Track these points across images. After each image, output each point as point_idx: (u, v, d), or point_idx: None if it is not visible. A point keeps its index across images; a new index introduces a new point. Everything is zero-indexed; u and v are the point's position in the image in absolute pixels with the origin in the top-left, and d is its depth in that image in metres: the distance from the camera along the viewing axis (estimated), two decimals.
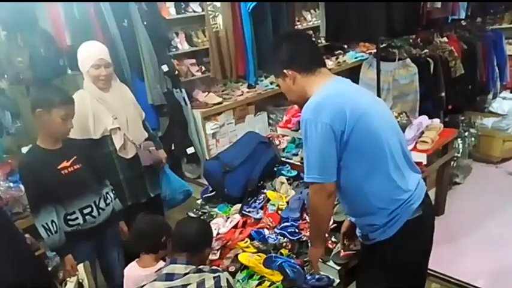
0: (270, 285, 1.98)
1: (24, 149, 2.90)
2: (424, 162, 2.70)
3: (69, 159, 1.98)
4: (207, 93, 4.10)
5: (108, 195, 2.16)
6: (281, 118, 3.92)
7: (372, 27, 3.76)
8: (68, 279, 1.97)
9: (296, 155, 3.03)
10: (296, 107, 3.40)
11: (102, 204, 2.09)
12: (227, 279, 1.56)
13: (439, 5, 4.17)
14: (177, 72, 3.74)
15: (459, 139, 3.72)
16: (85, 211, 2.01)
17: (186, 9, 4.24)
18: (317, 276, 2.05)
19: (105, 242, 2.16)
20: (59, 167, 1.94)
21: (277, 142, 3.19)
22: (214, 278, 1.53)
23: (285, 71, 1.53)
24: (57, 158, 1.95)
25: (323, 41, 5.37)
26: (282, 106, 4.55)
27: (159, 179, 2.61)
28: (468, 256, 2.73)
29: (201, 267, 1.61)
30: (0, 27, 2.88)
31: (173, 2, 4.13)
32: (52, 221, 1.91)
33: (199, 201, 2.91)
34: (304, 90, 1.53)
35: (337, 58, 5.18)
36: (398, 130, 1.58)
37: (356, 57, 5.18)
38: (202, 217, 2.62)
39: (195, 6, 4.26)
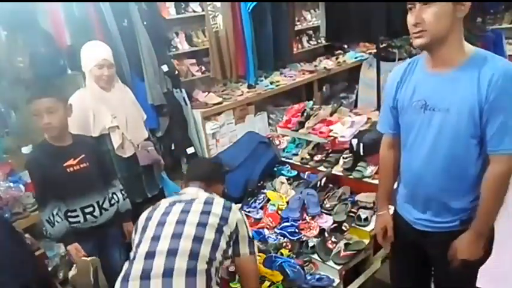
0: (270, 285, 1.98)
1: (24, 149, 2.89)
2: None
3: (76, 157, 1.97)
4: (207, 93, 4.10)
5: (114, 196, 2.15)
6: (281, 118, 3.92)
7: (372, 27, 3.77)
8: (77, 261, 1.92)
9: (296, 155, 3.03)
10: (296, 106, 3.41)
11: (106, 205, 2.09)
12: (240, 210, 1.63)
13: None
14: (177, 72, 3.73)
15: None
16: (86, 210, 2.01)
17: (186, 9, 4.24)
18: (317, 276, 2.05)
19: (107, 242, 2.15)
20: (64, 165, 1.94)
21: (277, 142, 3.19)
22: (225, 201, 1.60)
23: (463, 1, 1.29)
24: (64, 155, 1.95)
25: (323, 41, 5.39)
26: (282, 106, 4.55)
27: (156, 179, 2.60)
28: None
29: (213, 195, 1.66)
30: (0, 27, 2.88)
31: (173, 2, 4.13)
32: (55, 213, 1.92)
33: None
34: (453, 34, 1.31)
35: (337, 58, 5.18)
36: None
37: (356, 57, 5.18)
38: None
39: (195, 6, 4.26)
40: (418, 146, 1.47)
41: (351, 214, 2.39)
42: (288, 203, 2.53)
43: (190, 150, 3.76)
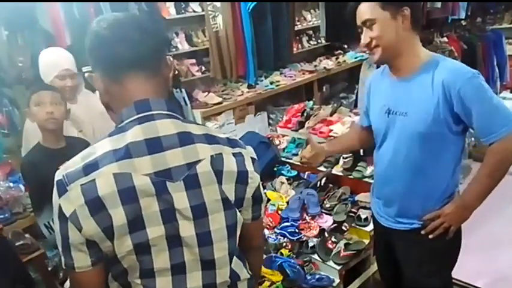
0: (270, 285, 1.98)
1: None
2: None
3: (70, 159, 1.96)
4: (207, 93, 4.10)
5: None
6: (281, 118, 3.92)
7: None
8: None
9: (296, 155, 3.03)
10: (296, 106, 3.41)
11: None
12: (252, 159, 1.04)
13: (439, 5, 4.18)
14: (177, 72, 3.74)
15: None
16: None
17: (186, 9, 4.24)
18: (317, 276, 2.05)
19: None
20: (59, 167, 1.93)
21: (277, 142, 3.19)
22: (234, 154, 0.98)
23: (404, 8, 1.36)
24: (58, 158, 1.92)
25: (323, 41, 5.39)
26: (282, 106, 4.55)
27: None
28: (468, 256, 2.72)
29: (207, 131, 0.97)
30: (2, 28, 2.89)
31: (173, 2, 4.13)
32: (52, 219, 1.90)
33: None
34: (403, 43, 1.41)
35: (337, 58, 5.18)
36: None
37: (356, 57, 5.18)
38: None
39: (195, 6, 4.26)
40: (384, 149, 1.55)
41: (351, 214, 2.39)
42: (288, 203, 2.53)
43: None
